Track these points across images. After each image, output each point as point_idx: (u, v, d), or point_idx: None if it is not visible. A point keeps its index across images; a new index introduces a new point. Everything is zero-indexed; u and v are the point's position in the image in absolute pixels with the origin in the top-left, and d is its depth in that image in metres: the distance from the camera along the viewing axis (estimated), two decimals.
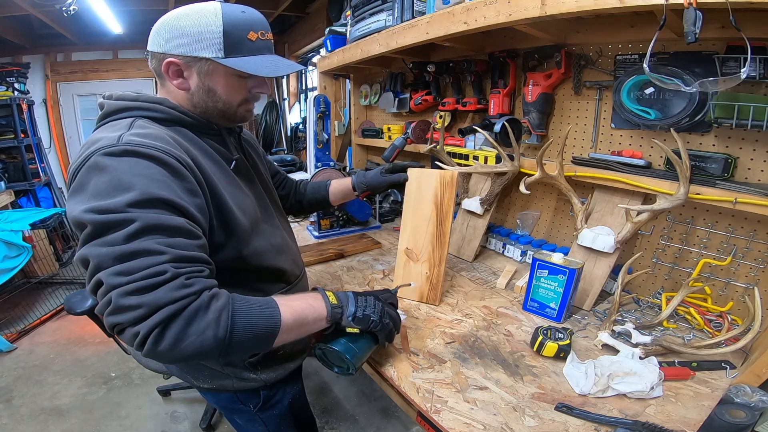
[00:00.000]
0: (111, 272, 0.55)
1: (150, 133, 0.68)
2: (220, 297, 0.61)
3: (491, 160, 1.45)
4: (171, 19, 0.74)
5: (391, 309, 0.86)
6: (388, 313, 0.84)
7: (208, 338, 0.58)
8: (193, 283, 0.58)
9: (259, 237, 0.84)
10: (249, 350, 0.67)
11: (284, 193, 1.23)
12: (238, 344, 0.62)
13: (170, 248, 0.58)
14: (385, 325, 0.82)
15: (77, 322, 2.75)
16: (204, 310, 0.58)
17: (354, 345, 0.82)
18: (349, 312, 0.79)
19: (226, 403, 0.98)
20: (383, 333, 0.83)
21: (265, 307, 0.66)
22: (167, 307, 0.55)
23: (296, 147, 4.72)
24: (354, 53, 1.85)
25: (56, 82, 4.74)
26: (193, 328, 0.57)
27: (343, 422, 1.96)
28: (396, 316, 0.87)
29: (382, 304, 0.84)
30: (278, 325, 0.66)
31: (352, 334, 0.82)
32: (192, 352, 0.57)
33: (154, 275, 0.55)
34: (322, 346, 0.83)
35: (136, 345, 0.56)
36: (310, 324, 0.74)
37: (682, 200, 0.97)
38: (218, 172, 0.78)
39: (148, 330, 0.54)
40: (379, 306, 0.83)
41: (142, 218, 0.57)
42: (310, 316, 0.74)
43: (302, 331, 0.73)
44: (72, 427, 1.95)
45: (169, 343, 0.55)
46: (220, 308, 0.60)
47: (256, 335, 0.64)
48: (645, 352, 0.91)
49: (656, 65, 1.05)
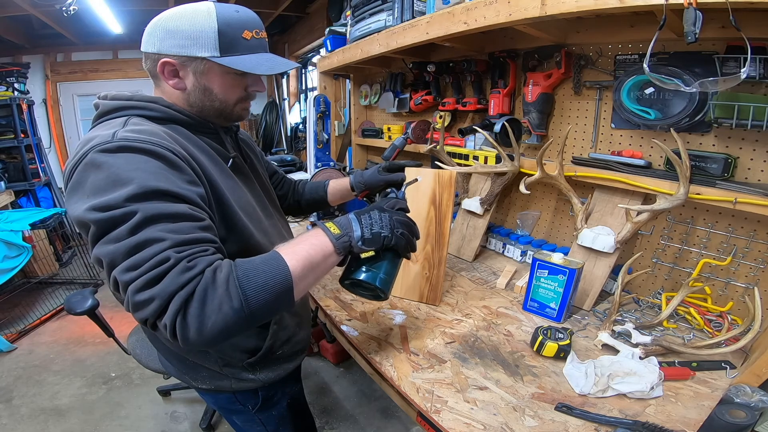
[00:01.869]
0: (122, 269, 0.56)
1: (145, 129, 0.68)
2: (222, 268, 0.59)
3: (491, 160, 1.45)
4: (165, 19, 0.74)
5: (401, 215, 0.79)
6: (398, 221, 0.77)
7: (227, 312, 0.57)
8: (196, 264, 0.58)
9: (259, 234, 0.84)
10: (273, 310, 0.63)
11: (282, 192, 1.23)
12: (259, 308, 0.59)
13: (171, 234, 0.58)
14: (399, 237, 0.75)
15: (77, 322, 2.75)
16: (212, 287, 0.57)
17: (375, 269, 0.75)
18: (356, 236, 0.72)
19: (224, 403, 0.98)
20: (401, 245, 0.76)
21: (269, 263, 0.63)
22: (178, 294, 0.55)
23: (296, 147, 4.72)
24: (354, 53, 1.85)
25: (56, 82, 4.74)
26: (209, 307, 0.56)
27: (343, 422, 1.96)
28: (409, 221, 0.79)
29: (389, 214, 0.77)
30: (289, 276, 0.62)
31: (370, 258, 0.75)
32: (221, 329, 0.56)
33: (158, 264, 0.55)
34: (345, 282, 0.78)
35: (171, 338, 0.56)
36: (321, 263, 0.69)
37: (682, 200, 0.97)
38: (216, 168, 0.78)
39: (171, 321, 0.55)
40: (386, 218, 0.75)
41: (143, 209, 0.57)
42: (318, 255, 0.68)
43: (318, 274, 0.69)
44: (72, 427, 1.95)
45: (195, 328, 0.55)
46: (225, 279, 0.58)
47: (272, 293, 0.60)
48: (645, 352, 0.91)
49: (656, 65, 1.05)
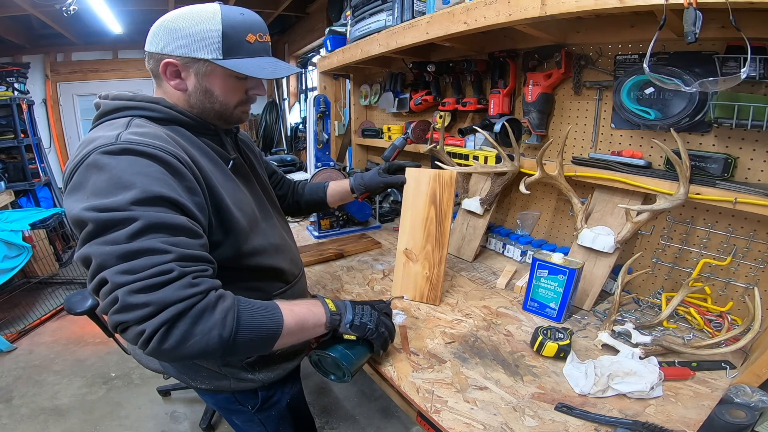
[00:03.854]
0: (116, 271, 0.55)
1: (148, 132, 0.68)
2: (226, 298, 0.62)
3: (491, 160, 1.45)
4: (170, 20, 0.74)
5: (386, 318, 0.88)
6: (383, 322, 0.86)
7: (213, 338, 0.58)
8: (200, 283, 0.59)
9: (257, 236, 0.84)
10: (251, 351, 0.68)
11: (282, 193, 1.23)
12: (242, 345, 0.62)
13: (174, 247, 0.58)
14: (380, 334, 0.85)
15: (77, 322, 2.75)
16: (211, 310, 0.58)
17: (350, 352, 0.83)
18: (347, 319, 0.81)
19: (224, 403, 0.98)
20: (379, 341, 0.85)
21: (268, 310, 0.68)
22: (174, 306, 0.55)
23: (296, 147, 4.72)
24: (354, 53, 1.85)
25: (56, 82, 4.75)
26: (199, 327, 0.57)
27: (343, 422, 1.96)
28: (391, 325, 0.90)
29: (378, 313, 0.86)
30: (280, 328, 0.67)
31: (349, 342, 0.84)
32: (196, 351, 0.58)
33: (160, 274, 0.55)
34: (319, 353, 0.84)
35: (140, 343, 0.56)
36: (310, 329, 0.76)
37: (682, 200, 0.97)
38: (216, 170, 0.78)
39: (154, 328, 0.54)
40: (375, 315, 0.85)
41: (145, 216, 0.57)
42: (311, 321, 0.76)
43: (302, 336, 0.75)
44: (72, 427, 1.94)
45: (174, 341, 0.56)
46: (227, 309, 0.60)
47: (259, 337, 0.65)
48: (645, 352, 0.91)
49: (656, 65, 1.05)
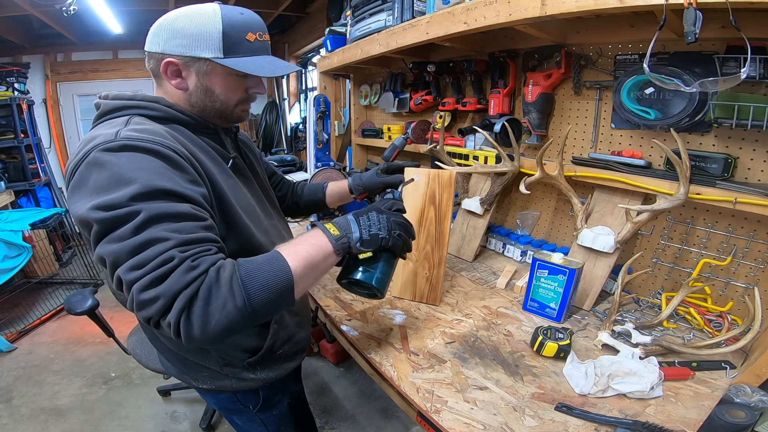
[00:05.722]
0: (126, 268, 0.56)
1: (147, 129, 0.68)
2: (225, 267, 0.60)
3: (491, 160, 1.45)
4: (170, 19, 0.74)
5: (398, 217, 0.80)
6: (395, 223, 0.78)
7: (231, 311, 0.58)
8: (199, 263, 0.58)
9: (260, 233, 0.84)
10: (275, 308, 0.64)
11: (281, 194, 1.23)
12: (262, 306, 0.60)
13: (175, 233, 0.58)
14: (396, 238, 0.77)
15: (77, 322, 2.75)
16: (216, 286, 0.58)
17: (372, 269, 0.77)
18: (355, 238, 0.73)
19: (225, 403, 0.98)
20: (398, 246, 0.77)
21: (271, 263, 0.64)
22: (182, 293, 0.55)
23: (296, 147, 4.71)
24: (354, 53, 1.85)
25: (56, 82, 4.73)
26: (213, 305, 0.57)
27: (343, 422, 1.96)
28: (405, 222, 0.81)
29: (387, 215, 0.78)
30: (290, 276, 0.63)
31: (368, 259, 0.77)
32: (225, 327, 0.57)
33: (163, 263, 0.56)
34: (342, 281, 0.80)
35: (174, 336, 0.57)
36: (321, 263, 0.70)
37: (682, 200, 0.97)
38: (217, 168, 0.78)
39: (176, 319, 0.55)
40: (384, 219, 0.77)
41: (147, 209, 0.58)
42: (318, 255, 0.69)
43: (317, 273, 0.71)
44: (72, 427, 1.95)
45: (199, 326, 0.56)
46: (229, 278, 0.59)
47: (274, 292, 0.62)
48: (645, 352, 0.91)
49: (656, 65, 1.05)
